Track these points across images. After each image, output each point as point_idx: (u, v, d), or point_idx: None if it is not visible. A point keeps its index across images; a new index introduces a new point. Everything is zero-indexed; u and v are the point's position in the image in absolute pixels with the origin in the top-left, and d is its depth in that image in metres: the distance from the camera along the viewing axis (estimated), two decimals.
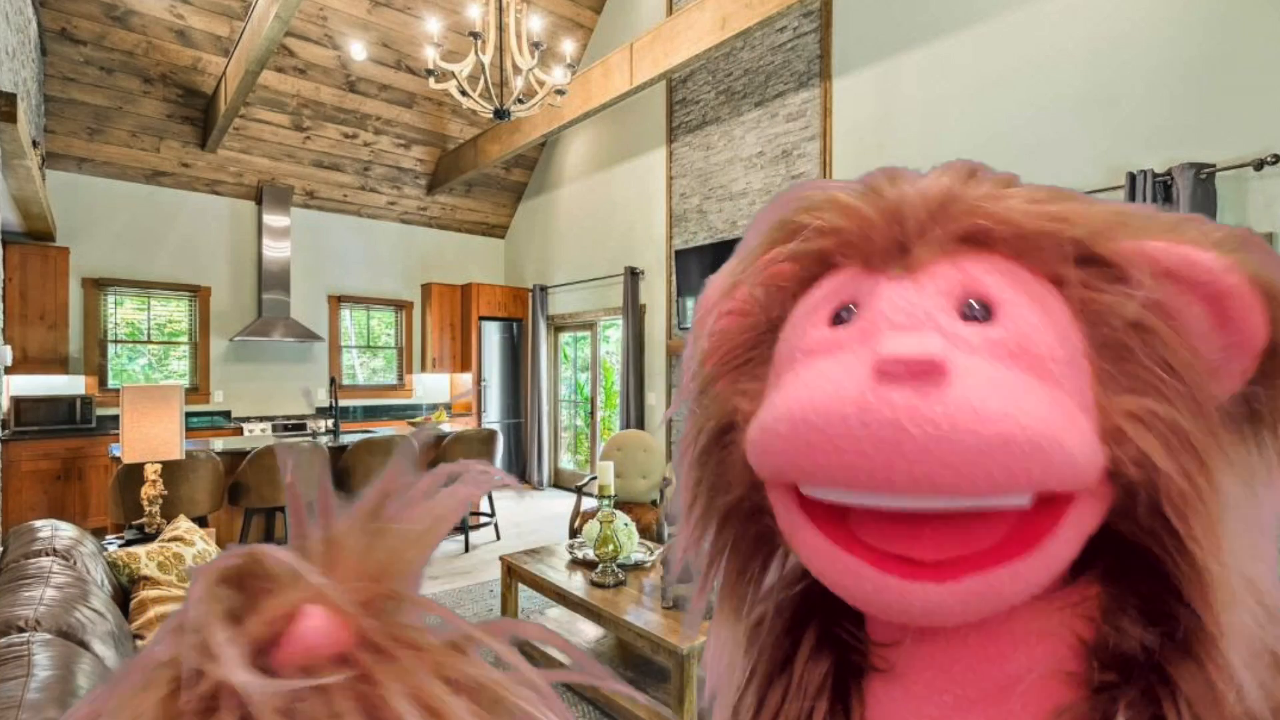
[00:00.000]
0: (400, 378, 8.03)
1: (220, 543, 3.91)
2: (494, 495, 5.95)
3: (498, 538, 5.51)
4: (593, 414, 7.43)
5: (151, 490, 3.26)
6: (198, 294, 6.58)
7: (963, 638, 0.39)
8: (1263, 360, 0.35)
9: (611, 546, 3.00)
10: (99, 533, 4.01)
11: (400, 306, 7.97)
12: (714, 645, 0.50)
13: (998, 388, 0.32)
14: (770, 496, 0.41)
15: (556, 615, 3.53)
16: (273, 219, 6.84)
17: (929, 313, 0.36)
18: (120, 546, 2.83)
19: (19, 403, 5.35)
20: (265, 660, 0.24)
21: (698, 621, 0.50)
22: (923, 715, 0.40)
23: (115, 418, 5.46)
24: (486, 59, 3.61)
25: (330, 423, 6.50)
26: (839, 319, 0.39)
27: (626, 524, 3.16)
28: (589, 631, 3.34)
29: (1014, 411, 0.32)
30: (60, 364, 5.59)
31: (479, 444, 5.40)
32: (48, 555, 2.03)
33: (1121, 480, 0.35)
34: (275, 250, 6.86)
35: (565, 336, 8.01)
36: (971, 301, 0.36)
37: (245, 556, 0.27)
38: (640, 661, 3.00)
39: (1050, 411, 0.32)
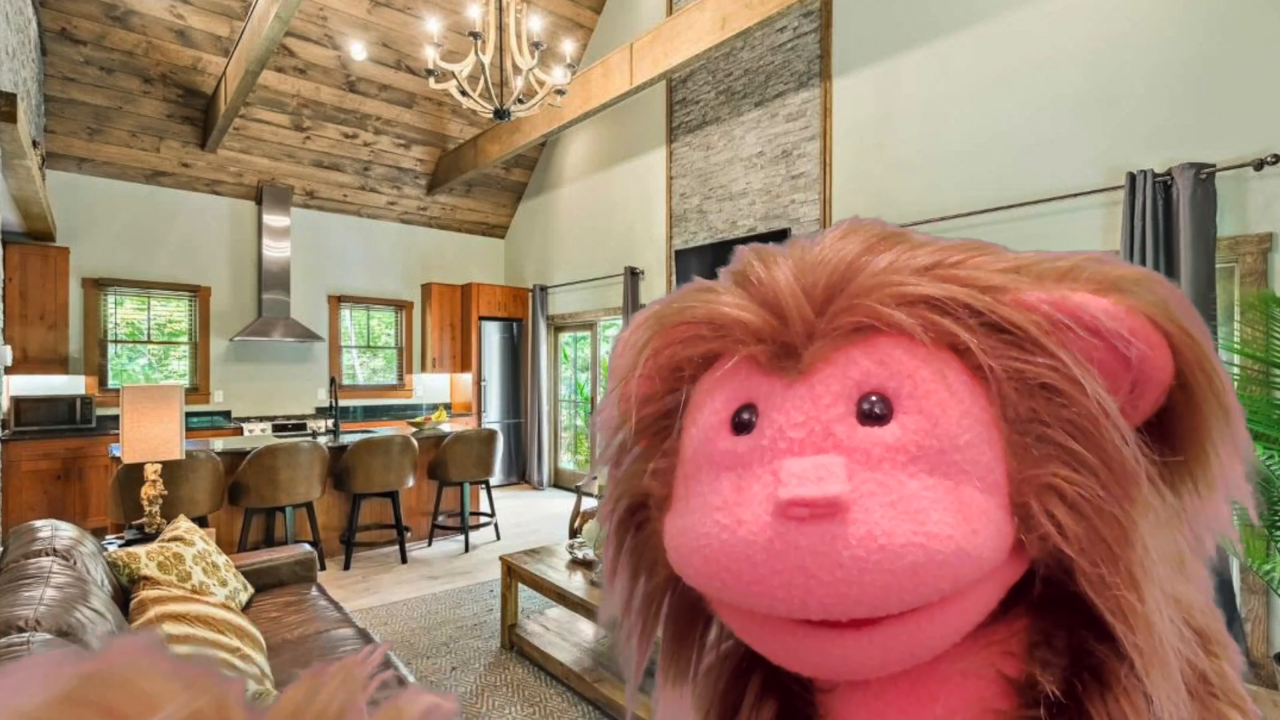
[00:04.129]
0: (400, 378, 8.03)
1: (220, 542, 3.91)
2: (494, 495, 5.95)
3: (498, 538, 5.51)
4: (593, 414, 7.43)
5: (151, 490, 3.26)
6: (198, 294, 6.58)
7: (893, 681, 0.39)
8: (1170, 392, 0.36)
9: None
10: (99, 533, 4.01)
11: (400, 306, 7.97)
12: (663, 711, 0.50)
13: (901, 512, 0.33)
14: None
15: (556, 615, 3.53)
16: (273, 219, 6.84)
17: (826, 426, 0.36)
18: (120, 546, 2.83)
19: (19, 403, 5.35)
20: None
21: (635, 692, 0.47)
22: None
23: (115, 418, 5.47)
24: (486, 59, 3.61)
25: (330, 423, 6.51)
26: (740, 420, 0.39)
27: None
28: (589, 631, 3.34)
29: (919, 537, 0.32)
30: (60, 364, 5.58)
31: (479, 444, 5.40)
32: (48, 555, 2.03)
33: (1032, 549, 0.35)
34: (275, 250, 6.86)
35: (565, 336, 8.01)
36: (871, 397, 0.36)
37: None
38: None
39: (955, 521, 0.33)
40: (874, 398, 0.36)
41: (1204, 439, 0.36)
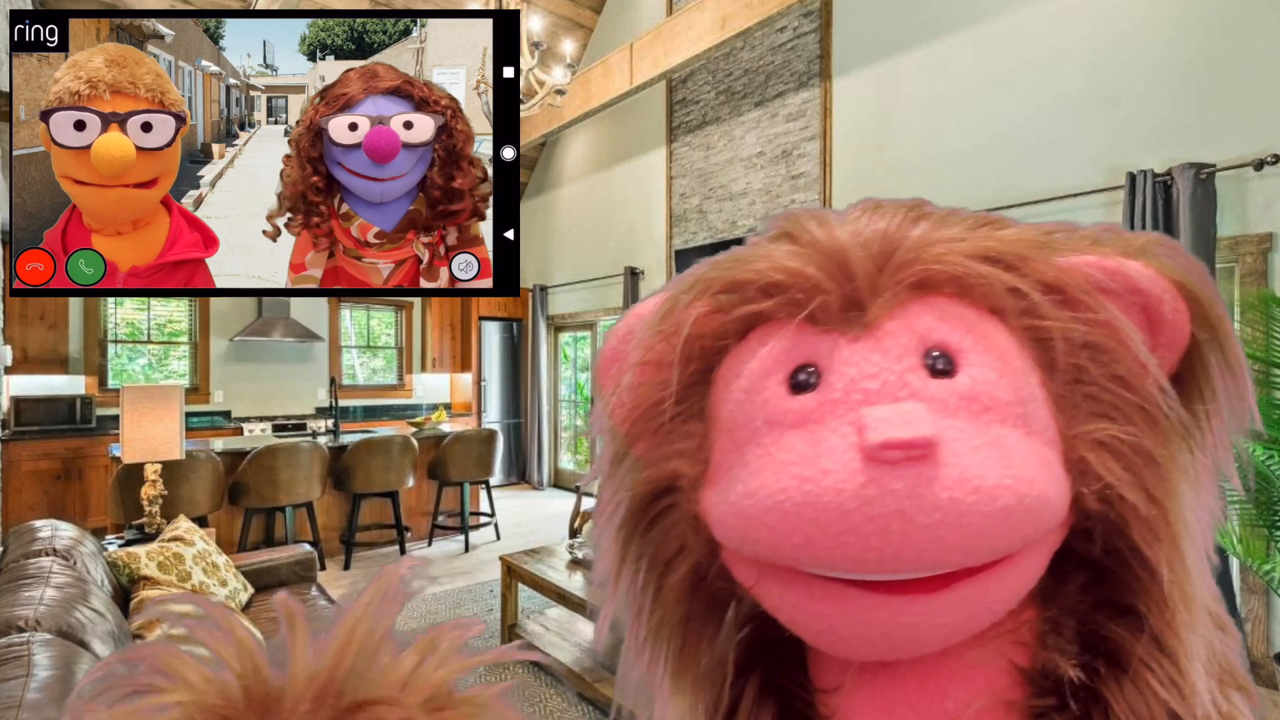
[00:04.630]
0: (400, 378, 8.03)
1: (220, 542, 3.91)
2: (494, 495, 5.96)
3: (498, 538, 5.51)
4: (594, 406, 7.44)
5: (151, 490, 3.26)
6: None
7: (901, 677, 0.38)
8: (1185, 356, 0.37)
9: None
10: (99, 533, 4.01)
11: (400, 306, 7.97)
12: (659, 716, 0.46)
13: (988, 455, 0.32)
14: (729, 558, 0.39)
15: (556, 615, 3.54)
16: None
17: (902, 377, 0.35)
18: (120, 546, 2.83)
19: (19, 403, 5.36)
20: None
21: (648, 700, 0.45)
22: None
23: (115, 418, 5.46)
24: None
25: (330, 423, 6.51)
26: (798, 383, 0.37)
27: None
28: (589, 632, 3.34)
29: (1009, 480, 0.32)
30: (60, 364, 5.59)
31: (479, 444, 5.40)
32: (48, 555, 2.03)
33: (1084, 508, 0.35)
34: None
35: (565, 336, 8.02)
36: (934, 353, 0.36)
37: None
38: None
39: (1035, 467, 0.33)
40: (936, 353, 0.36)
41: (1208, 401, 0.38)
